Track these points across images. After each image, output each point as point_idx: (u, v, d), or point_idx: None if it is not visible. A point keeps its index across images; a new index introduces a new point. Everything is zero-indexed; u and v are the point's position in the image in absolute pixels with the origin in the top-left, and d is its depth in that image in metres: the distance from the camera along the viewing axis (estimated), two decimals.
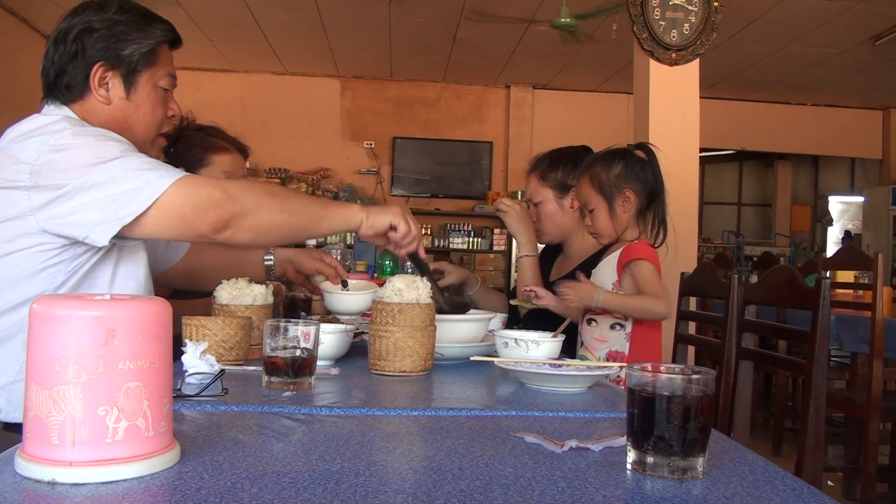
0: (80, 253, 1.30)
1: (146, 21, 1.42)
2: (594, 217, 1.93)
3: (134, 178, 1.21)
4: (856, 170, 10.70)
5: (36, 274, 1.28)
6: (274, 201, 1.32)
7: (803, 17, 5.88)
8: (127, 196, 1.20)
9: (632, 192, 1.90)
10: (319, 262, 1.80)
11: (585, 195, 1.95)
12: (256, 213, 1.28)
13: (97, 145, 1.25)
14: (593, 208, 1.93)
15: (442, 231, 8.30)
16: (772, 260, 5.34)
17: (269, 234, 1.33)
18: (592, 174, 1.93)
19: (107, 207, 1.20)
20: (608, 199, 1.91)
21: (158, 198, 1.20)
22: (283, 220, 1.32)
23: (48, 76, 1.40)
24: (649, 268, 1.80)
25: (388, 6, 5.93)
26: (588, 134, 4.19)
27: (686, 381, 0.79)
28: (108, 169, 1.21)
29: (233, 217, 1.25)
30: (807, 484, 0.77)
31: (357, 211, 1.42)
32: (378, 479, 0.75)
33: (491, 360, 1.40)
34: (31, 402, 0.71)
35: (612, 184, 1.90)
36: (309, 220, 1.36)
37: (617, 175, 1.90)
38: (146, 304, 0.75)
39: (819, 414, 1.63)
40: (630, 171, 1.91)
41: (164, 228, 1.24)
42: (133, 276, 1.41)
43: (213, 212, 1.24)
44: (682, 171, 3.88)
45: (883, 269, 2.72)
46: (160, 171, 1.23)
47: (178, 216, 1.23)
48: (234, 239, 1.28)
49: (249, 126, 8.68)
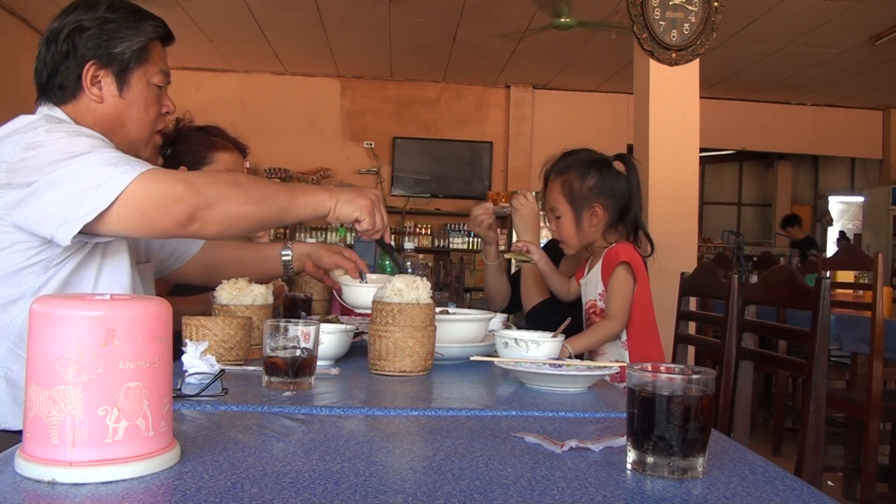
0: (58, 253, 1.28)
1: (137, 18, 1.41)
2: (559, 224, 1.91)
3: (96, 174, 1.18)
4: (856, 170, 10.70)
5: (14, 274, 1.27)
6: (240, 192, 1.27)
7: (803, 17, 5.88)
8: (88, 193, 1.17)
9: (601, 207, 1.87)
10: (339, 255, 1.78)
11: (554, 200, 1.92)
12: (222, 204, 1.24)
13: (67, 140, 1.23)
14: (560, 215, 1.90)
15: (442, 231, 8.30)
16: (772, 260, 5.34)
17: (237, 225, 1.29)
18: (565, 181, 1.89)
19: (68, 205, 1.17)
20: (576, 210, 1.88)
21: (120, 194, 1.16)
22: (249, 210, 1.28)
23: (41, 77, 1.39)
24: (620, 277, 1.79)
25: (388, 6, 5.93)
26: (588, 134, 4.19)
27: (686, 381, 0.79)
28: (73, 165, 1.19)
29: (197, 210, 1.21)
30: (807, 484, 0.77)
31: (325, 199, 1.37)
32: (378, 479, 0.75)
33: (491, 360, 1.40)
34: (31, 402, 0.71)
35: (582, 196, 1.87)
36: (278, 209, 1.32)
37: (590, 188, 1.87)
38: (146, 304, 0.75)
39: (819, 414, 1.62)
40: (604, 185, 1.87)
41: (127, 225, 1.21)
42: (117, 279, 1.40)
43: (175, 206, 1.20)
44: (682, 171, 3.88)
45: (883, 269, 2.72)
46: (123, 167, 1.19)
47: (140, 212, 1.19)
48: (201, 233, 1.25)
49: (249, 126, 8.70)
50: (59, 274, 1.30)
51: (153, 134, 1.50)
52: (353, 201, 1.40)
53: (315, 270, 1.82)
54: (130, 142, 1.44)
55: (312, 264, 1.82)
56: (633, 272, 1.81)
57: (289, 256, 1.81)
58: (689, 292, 2.40)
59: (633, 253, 1.83)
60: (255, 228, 1.38)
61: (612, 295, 1.79)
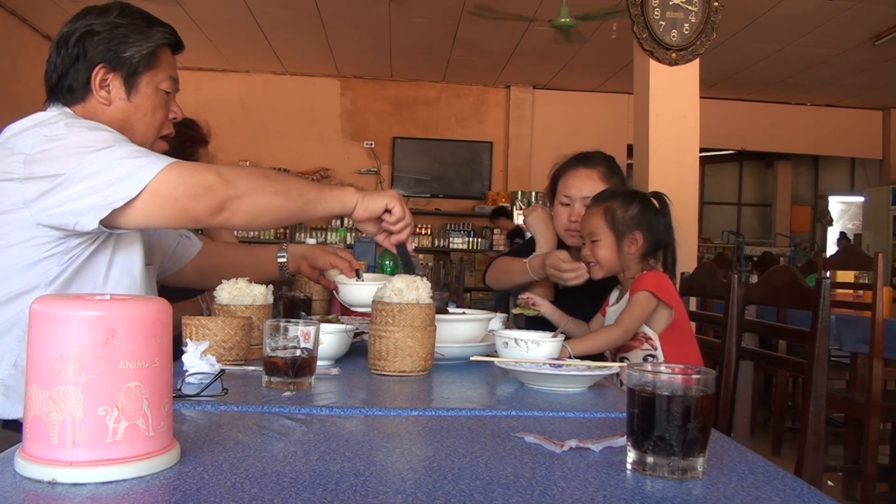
0: (74, 246, 1.30)
1: (147, 24, 1.44)
2: (597, 247, 1.92)
3: (124, 166, 1.21)
4: (856, 170, 10.71)
5: (30, 267, 1.28)
6: (269, 183, 1.32)
7: (803, 17, 5.89)
8: (117, 182, 1.20)
9: (641, 235, 1.90)
10: (333, 255, 1.80)
11: (594, 225, 1.93)
12: (251, 195, 1.28)
13: (89, 134, 1.26)
14: (598, 239, 1.92)
15: (442, 231, 8.30)
16: (772, 260, 5.34)
17: (266, 216, 1.32)
18: (608, 207, 1.92)
19: (97, 194, 1.20)
20: (618, 235, 1.90)
21: (149, 182, 1.20)
22: (278, 202, 1.32)
23: (50, 79, 1.41)
24: (642, 297, 1.80)
25: (388, 6, 5.93)
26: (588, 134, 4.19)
27: (686, 381, 0.79)
28: (98, 158, 1.21)
29: (227, 200, 1.25)
30: (807, 484, 0.77)
31: (352, 193, 1.42)
32: (378, 479, 0.75)
33: (491, 360, 1.40)
34: (31, 402, 0.71)
35: (625, 223, 1.90)
36: (305, 202, 1.36)
37: (632, 216, 1.90)
38: (146, 304, 0.75)
39: (819, 414, 1.62)
40: (644, 217, 1.91)
41: (157, 214, 1.23)
42: (128, 272, 1.41)
43: (207, 195, 1.23)
44: (682, 171, 3.89)
45: (883, 269, 2.72)
46: (150, 158, 1.23)
47: (172, 200, 1.22)
48: (230, 222, 1.28)
49: (249, 126, 8.73)
50: (71, 267, 1.31)
51: (158, 138, 1.51)
52: (381, 194, 1.46)
53: (311, 271, 1.83)
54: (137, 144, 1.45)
55: (308, 265, 1.83)
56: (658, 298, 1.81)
57: (284, 258, 1.83)
58: (689, 292, 2.40)
59: (660, 280, 1.83)
60: (281, 220, 1.40)
61: (628, 307, 1.81)
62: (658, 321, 1.83)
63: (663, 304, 1.82)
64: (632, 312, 1.80)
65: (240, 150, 7.90)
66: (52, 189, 1.22)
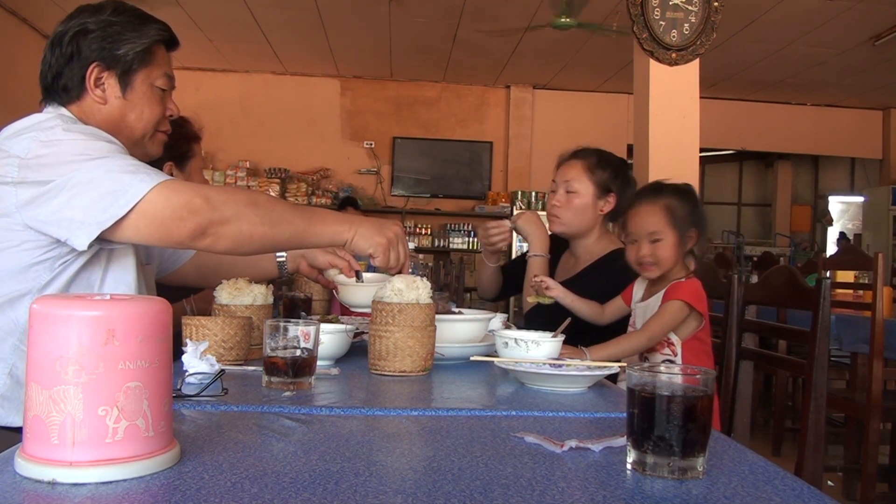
0: (66, 252, 1.29)
1: (141, 21, 1.43)
2: (660, 246, 1.84)
3: (115, 181, 1.19)
4: (856, 170, 10.70)
5: (22, 272, 1.27)
6: (255, 212, 1.27)
7: (803, 17, 5.88)
8: (108, 199, 1.18)
9: (696, 232, 1.87)
10: (332, 255, 1.79)
11: (655, 224, 1.85)
12: (236, 223, 1.25)
13: (84, 142, 1.25)
14: (661, 238, 1.84)
15: (442, 231, 8.30)
16: (772, 260, 5.34)
17: (249, 244, 1.29)
18: (667, 205, 1.86)
19: (87, 210, 1.19)
20: (680, 232, 1.85)
21: (139, 202, 1.18)
22: (263, 231, 1.28)
23: (46, 79, 1.40)
24: (675, 307, 1.77)
25: (388, 6, 5.93)
26: (588, 134, 4.19)
27: (686, 381, 0.79)
28: (91, 168, 1.20)
29: (211, 225, 1.23)
30: (807, 484, 0.77)
31: (345, 231, 1.37)
32: (378, 479, 0.75)
33: (491, 360, 1.40)
34: (31, 402, 0.71)
35: (685, 220, 1.85)
36: (292, 234, 1.32)
37: (688, 213, 1.86)
38: (146, 304, 0.75)
39: (819, 414, 1.62)
40: (695, 213, 1.87)
41: (143, 234, 1.22)
42: (122, 280, 1.40)
43: (191, 219, 1.21)
44: (682, 171, 3.88)
45: (883, 269, 2.72)
46: (141, 175, 1.21)
47: (158, 222, 1.20)
48: (213, 247, 1.26)
49: (249, 126, 8.72)
50: (66, 272, 1.31)
51: (157, 132, 1.50)
52: (370, 237, 1.38)
53: (310, 271, 1.83)
54: (135, 141, 1.45)
55: (307, 265, 1.82)
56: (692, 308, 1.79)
57: (283, 257, 1.82)
58: None
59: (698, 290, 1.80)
60: (266, 250, 1.38)
61: (658, 315, 1.77)
62: (685, 329, 1.82)
63: (695, 313, 1.80)
64: (661, 321, 1.77)
65: (240, 150, 7.89)
66: (42, 195, 1.21)
